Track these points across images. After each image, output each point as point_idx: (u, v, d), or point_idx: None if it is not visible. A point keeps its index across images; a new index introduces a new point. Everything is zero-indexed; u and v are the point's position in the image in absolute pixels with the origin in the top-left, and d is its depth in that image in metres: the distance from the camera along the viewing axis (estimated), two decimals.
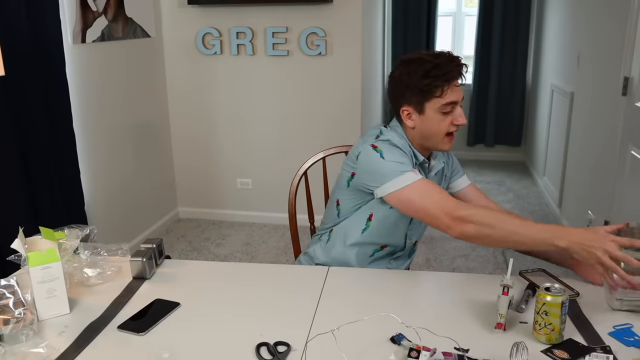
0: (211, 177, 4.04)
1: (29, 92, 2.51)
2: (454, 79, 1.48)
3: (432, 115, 1.51)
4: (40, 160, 2.60)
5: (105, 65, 3.18)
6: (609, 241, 1.24)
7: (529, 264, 1.61)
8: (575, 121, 3.68)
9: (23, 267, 1.38)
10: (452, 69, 1.47)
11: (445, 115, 1.51)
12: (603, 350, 1.13)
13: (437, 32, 5.53)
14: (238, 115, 3.87)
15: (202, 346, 1.21)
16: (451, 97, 1.49)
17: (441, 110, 1.50)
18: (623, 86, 2.73)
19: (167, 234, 3.86)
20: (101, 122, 3.17)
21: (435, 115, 1.51)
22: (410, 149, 1.58)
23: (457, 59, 1.50)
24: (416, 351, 1.09)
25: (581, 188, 3.48)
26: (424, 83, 1.47)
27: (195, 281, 1.51)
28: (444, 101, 1.49)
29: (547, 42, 4.77)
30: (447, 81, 1.47)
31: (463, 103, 1.57)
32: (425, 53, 1.52)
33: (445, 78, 1.47)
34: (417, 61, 1.50)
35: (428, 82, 1.47)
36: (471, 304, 1.34)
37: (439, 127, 1.52)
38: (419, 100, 1.51)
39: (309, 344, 1.17)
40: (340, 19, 3.53)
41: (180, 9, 3.73)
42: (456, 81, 1.49)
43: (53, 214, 2.65)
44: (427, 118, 1.52)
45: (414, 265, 3.23)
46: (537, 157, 4.95)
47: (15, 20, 2.39)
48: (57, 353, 1.18)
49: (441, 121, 1.51)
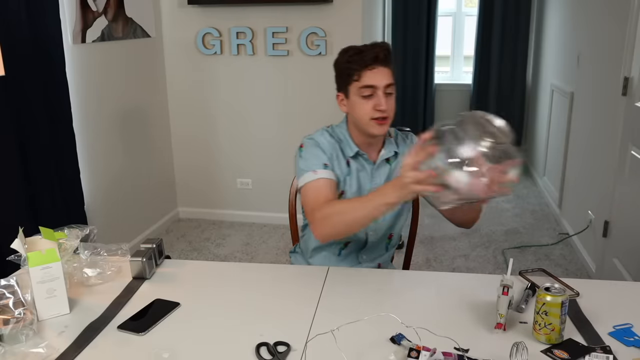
0: (211, 177, 4.04)
1: (29, 92, 2.51)
2: (369, 64, 1.52)
3: (354, 99, 1.56)
4: (41, 160, 2.60)
5: (105, 65, 3.18)
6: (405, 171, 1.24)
7: (529, 264, 1.61)
8: (575, 121, 3.68)
9: (23, 267, 1.38)
10: (369, 54, 1.52)
11: (365, 99, 1.54)
12: (603, 350, 1.13)
13: (437, 32, 5.53)
14: (238, 115, 3.87)
15: (202, 346, 1.21)
16: (368, 81, 1.53)
17: (360, 93, 1.54)
18: (623, 86, 2.73)
19: (167, 234, 3.86)
20: (101, 122, 3.17)
21: (356, 99, 1.56)
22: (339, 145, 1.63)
23: (378, 45, 1.55)
24: (416, 351, 1.09)
25: (581, 188, 3.48)
26: (345, 67, 1.56)
27: (195, 281, 1.51)
28: (360, 84, 1.53)
29: (547, 42, 4.77)
30: (363, 65, 1.52)
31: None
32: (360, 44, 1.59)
33: (361, 62, 1.53)
34: (346, 49, 1.59)
35: (347, 66, 1.55)
36: (471, 304, 1.34)
37: (361, 111, 1.55)
38: (344, 85, 1.59)
39: (308, 344, 1.17)
40: (340, 19, 3.53)
41: (180, 9, 3.73)
42: (374, 66, 1.52)
43: (53, 214, 2.65)
44: (352, 102, 1.57)
45: (413, 265, 3.22)
46: (537, 157, 4.95)
47: (15, 20, 2.39)
48: (57, 353, 1.18)
49: (362, 105, 1.55)
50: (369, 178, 1.66)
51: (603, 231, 2.98)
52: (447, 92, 5.74)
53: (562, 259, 3.39)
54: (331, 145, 1.63)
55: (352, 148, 1.64)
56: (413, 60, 5.59)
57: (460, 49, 5.73)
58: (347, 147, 1.64)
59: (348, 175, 1.64)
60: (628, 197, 2.68)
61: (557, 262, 3.34)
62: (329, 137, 1.65)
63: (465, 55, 5.74)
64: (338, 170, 1.62)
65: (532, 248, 3.54)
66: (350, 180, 1.64)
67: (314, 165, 1.56)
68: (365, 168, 1.66)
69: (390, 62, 1.56)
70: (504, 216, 4.13)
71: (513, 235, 3.77)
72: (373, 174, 1.66)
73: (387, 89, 1.54)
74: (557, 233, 3.78)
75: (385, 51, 1.54)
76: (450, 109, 5.76)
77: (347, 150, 1.64)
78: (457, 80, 5.79)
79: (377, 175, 1.66)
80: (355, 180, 1.65)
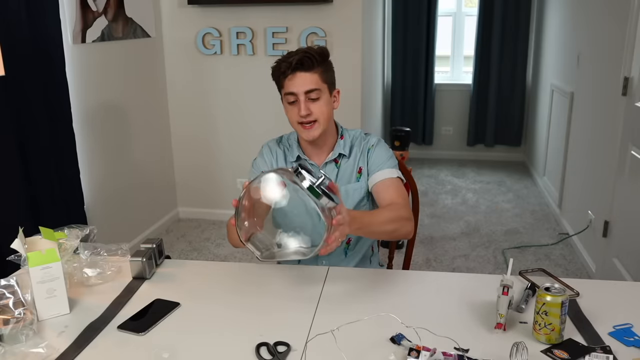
0: (211, 177, 4.04)
1: (29, 92, 2.51)
2: (287, 73, 1.57)
3: (285, 106, 1.64)
4: (40, 160, 2.60)
5: (105, 65, 3.18)
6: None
7: (529, 264, 1.61)
8: (575, 121, 3.68)
9: (23, 267, 1.38)
10: (287, 62, 1.57)
11: (291, 105, 1.60)
12: (603, 350, 1.13)
13: (437, 32, 5.53)
14: (238, 115, 3.87)
15: (202, 346, 1.21)
16: (289, 88, 1.58)
17: (286, 100, 1.61)
18: (623, 86, 2.73)
19: (167, 234, 3.86)
20: (101, 122, 3.17)
21: (285, 105, 1.63)
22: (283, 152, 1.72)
23: (300, 51, 1.57)
24: (416, 351, 1.09)
25: (581, 188, 3.48)
26: (273, 76, 1.63)
27: (195, 281, 1.51)
28: (284, 91, 1.61)
29: (547, 42, 4.77)
30: (283, 74, 1.58)
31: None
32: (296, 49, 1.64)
33: (281, 71, 1.59)
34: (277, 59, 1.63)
35: (274, 76, 1.63)
36: (471, 304, 1.34)
37: (290, 117, 1.63)
38: (280, 93, 1.66)
39: (308, 344, 1.17)
40: (340, 19, 3.53)
41: (180, 9, 3.73)
42: (293, 73, 1.56)
43: (53, 214, 2.65)
44: (285, 108, 1.65)
45: (413, 265, 3.23)
46: (537, 157, 4.95)
47: (15, 20, 2.39)
48: (57, 353, 1.18)
49: (290, 111, 1.62)
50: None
51: (603, 231, 2.98)
52: (447, 92, 5.74)
53: (562, 259, 3.39)
54: (275, 152, 1.72)
55: (294, 154, 1.71)
56: (413, 60, 5.59)
57: (460, 49, 5.73)
58: (290, 154, 1.72)
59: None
60: (628, 197, 2.68)
61: (557, 262, 3.34)
62: (274, 145, 1.74)
63: (465, 55, 5.74)
64: None
65: (532, 248, 3.54)
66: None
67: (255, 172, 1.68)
68: None
69: (313, 66, 1.56)
70: (504, 216, 4.13)
71: (513, 235, 3.77)
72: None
73: (311, 94, 1.57)
74: (557, 233, 3.78)
75: (305, 57, 1.55)
76: (450, 109, 5.76)
77: (289, 157, 1.72)
78: (457, 80, 5.79)
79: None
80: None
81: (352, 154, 1.71)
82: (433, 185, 4.92)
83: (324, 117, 1.60)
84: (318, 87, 1.57)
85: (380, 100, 5.26)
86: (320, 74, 1.58)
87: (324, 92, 1.59)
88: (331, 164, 1.70)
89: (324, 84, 1.59)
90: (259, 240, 1.27)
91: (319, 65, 1.58)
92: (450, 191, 4.75)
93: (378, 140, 1.74)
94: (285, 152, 1.73)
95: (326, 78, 1.60)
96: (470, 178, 5.14)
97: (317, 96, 1.58)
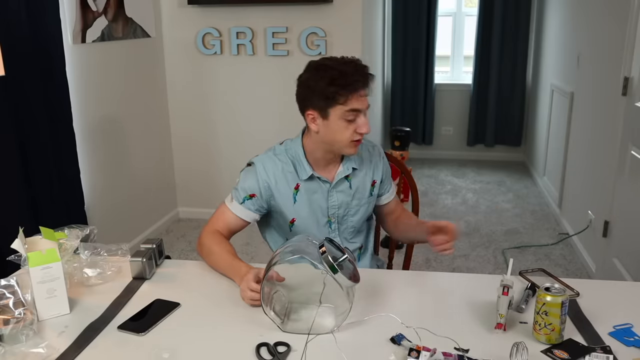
0: (211, 177, 4.04)
1: (29, 92, 2.51)
2: (358, 89, 1.49)
3: (335, 122, 1.51)
4: (41, 160, 2.60)
5: (105, 65, 3.18)
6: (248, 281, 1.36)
7: (529, 264, 1.61)
8: (575, 121, 3.68)
9: (23, 267, 1.38)
10: (358, 79, 1.48)
11: (348, 122, 1.51)
12: (603, 350, 1.13)
13: (437, 32, 5.53)
14: (238, 115, 3.87)
15: (202, 346, 1.21)
16: (354, 105, 1.49)
17: (344, 117, 1.50)
18: (623, 86, 2.73)
19: (167, 234, 3.86)
20: (101, 122, 3.17)
21: (338, 121, 1.51)
22: (293, 165, 1.61)
23: (363, 69, 1.51)
24: (416, 351, 1.09)
25: (581, 188, 3.48)
26: (329, 90, 1.48)
27: (195, 281, 1.51)
28: (347, 108, 1.49)
29: (547, 42, 4.77)
30: (352, 91, 1.48)
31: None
32: (333, 59, 1.53)
33: (350, 88, 1.47)
34: (323, 67, 1.51)
35: (333, 90, 1.48)
36: (471, 304, 1.34)
37: (342, 134, 1.52)
38: (324, 106, 1.51)
39: (308, 344, 1.17)
40: (340, 19, 3.53)
41: (180, 9, 3.73)
42: (361, 91, 1.49)
43: (53, 214, 2.65)
44: (331, 124, 1.52)
45: (413, 265, 3.22)
46: (537, 157, 4.95)
47: (15, 20, 2.39)
48: (57, 353, 1.18)
49: (344, 128, 1.51)
50: (324, 198, 1.63)
51: (603, 231, 2.98)
52: (447, 92, 5.74)
53: (562, 259, 3.39)
54: (277, 169, 1.61)
55: (307, 171, 1.60)
56: (413, 60, 5.58)
57: (460, 49, 5.73)
58: (302, 171, 1.61)
59: (294, 204, 1.62)
60: (628, 197, 2.68)
61: (557, 262, 3.34)
62: (275, 160, 1.62)
63: (465, 55, 5.73)
64: (279, 197, 1.61)
65: (532, 248, 3.54)
66: (298, 206, 1.62)
67: (237, 195, 1.62)
68: (320, 189, 1.63)
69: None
70: (504, 216, 4.13)
71: (513, 235, 3.77)
72: (330, 194, 1.63)
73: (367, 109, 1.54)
74: (557, 233, 3.78)
75: (369, 75, 1.51)
76: (450, 109, 5.76)
77: (302, 174, 1.61)
78: (457, 80, 5.78)
79: (334, 194, 1.64)
80: (306, 204, 1.62)
81: (363, 166, 1.68)
82: (433, 185, 4.92)
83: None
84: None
85: (380, 100, 5.26)
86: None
87: None
88: (343, 181, 1.64)
89: None
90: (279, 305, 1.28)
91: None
92: (450, 191, 4.75)
93: (380, 149, 1.75)
94: (285, 169, 1.61)
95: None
96: (470, 178, 5.14)
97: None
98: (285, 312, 1.26)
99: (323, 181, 1.62)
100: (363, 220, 1.72)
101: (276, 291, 1.26)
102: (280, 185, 1.61)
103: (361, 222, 1.71)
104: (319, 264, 1.20)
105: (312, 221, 1.64)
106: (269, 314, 1.26)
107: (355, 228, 1.70)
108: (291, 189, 1.61)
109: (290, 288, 1.28)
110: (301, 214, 1.63)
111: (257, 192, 1.60)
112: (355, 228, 1.70)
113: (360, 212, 1.68)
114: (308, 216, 1.63)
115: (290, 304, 1.27)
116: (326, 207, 1.64)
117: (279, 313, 1.26)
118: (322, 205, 1.64)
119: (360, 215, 1.69)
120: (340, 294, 1.22)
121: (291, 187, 1.61)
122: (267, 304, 1.26)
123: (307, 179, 1.61)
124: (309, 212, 1.63)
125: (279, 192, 1.61)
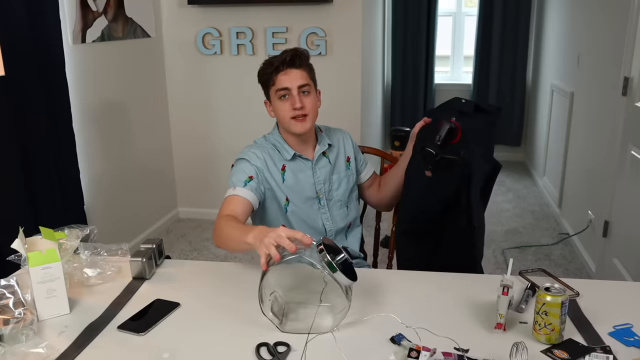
0: (211, 177, 4.03)
1: (29, 92, 2.51)
2: (283, 69, 1.66)
3: (275, 103, 1.71)
4: (40, 160, 2.59)
5: (105, 66, 3.18)
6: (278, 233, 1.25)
7: (529, 264, 1.61)
8: (575, 121, 3.68)
9: (23, 267, 1.38)
10: (283, 61, 1.66)
11: (282, 100, 1.68)
12: (603, 350, 1.13)
13: (437, 32, 5.53)
14: (238, 115, 3.87)
15: (202, 346, 1.21)
16: (282, 84, 1.67)
17: (278, 96, 1.69)
18: (623, 86, 2.73)
19: (167, 234, 3.86)
20: (101, 123, 3.17)
21: (276, 102, 1.70)
22: (276, 150, 1.75)
23: (289, 50, 1.69)
24: (416, 351, 1.09)
25: (581, 188, 3.48)
26: (263, 78, 1.72)
27: (195, 281, 1.51)
28: (276, 87, 1.68)
29: (547, 42, 4.77)
30: (277, 71, 1.67)
31: None
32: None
33: (274, 68, 1.67)
34: (266, 61, 1.73)
35: (264, 74, 1.71)
36: (471, 304, 1.34)
37: (282, 112, 1.70)
38: (266, 92, 1.74)
39: (308, 344, 1.17)
40: (340, 19, 3.53)
41: (180, 9, 3.73)
42: (286, 70, 1.66)
43: (53, 214, 2.65)
44: (274, 106, 1.72)
45: None
46: (537, 157, 4.95)
47: (15, 20, 2.39)
48: (57, 353, 1.18)
49: (281, 106, 1.69)
50: (310, 176, 1.77)
51: (603, 231, 2.98)
52: (447, 92, 5.73)
53: (562, 259, 3.39)
54: (265, 153, 1.73)
55: (289, 151, 1.74)
56: (413, 60, 5.58)
57: (460, 49, 5.73)
58: (284, 151, 1.75)
59: (283, 183, 1.73)
60: (628, 197, 2.68)
61: (557, 262, 3.34)
62: (260, 147, 1.76)
63: (465, 55, 5.73)
64: (271, 179, 1.72)
65: (532, 248, 3.54)
66: (288, 185, 1.74)
67: (237, 181, 1.67)
68: (305, 167, 1.77)
69: (302, 64, 1.69)
70: (504, 216, 4.13)
71: (513, 235, 3.77)
72: (314, 170, 1.78)
73: (302, 89, 1.68)
74: (557, 233, 3.78)
75: (295, 54, 1.67)
76: None
77: (285, 154, 1.74)
78: (457, 80, 5.78)
79: (317, 170, 1.78)
80: (295, 182, 1.75)
81: (335, 144, 1.84)
82: None
83: (313, 111, 1.71)
84: (308, 83, 1.70)
85: (380, 100, 5.26)
86: (308, 71, 1.71)
87: (312, 88, 1.72)
88: (322, 158, 1.80)
89: (311, 81, 1.72)
90: (277, 306, 1.27)
91: (306, 63, 1.71)
92: None
93: (347, 133, 1.92)
94: (270, 152, 1.74)
95: (312, 76, 1.73)
96: None
97: (308, 90, 1.69)
98: (282, 312, 1.26)
99: (305, 159, 1.77)
100: (347, 193, 1.84)
101: (273, 292, 1.26)
102: (271, 167, 1.73)
103: (346, 195, 1.83)
104: (317, 263, 1.20)
105: (303, 198, 1.76)
106: (267, 314, 1.26)
107: (342, 201, 1.83)
108: (279, 169, 1.74)
109: (287, 288, 1.28)
110: (292, 192, 1.75)
111: (254, 174, 1.69)
112: (342, 201, 1.83)
113: (343, 185, 1.82)
114: (299, 194, 1.75)
115: (287, 305, 1.27)
116: (312, 183, 1.77)
117: (277, 314, 1.26)
118: (309, 182, 1.77)
119: (343, 189, 1.82)
120: (338, 293, 1.22)
121: (279, 168, 1.74)
122: (265, 305, 1.26)
123: (291, 159, 1.74)
124: (299, 190, 1.75)
125: (270, 174, 1.72)
